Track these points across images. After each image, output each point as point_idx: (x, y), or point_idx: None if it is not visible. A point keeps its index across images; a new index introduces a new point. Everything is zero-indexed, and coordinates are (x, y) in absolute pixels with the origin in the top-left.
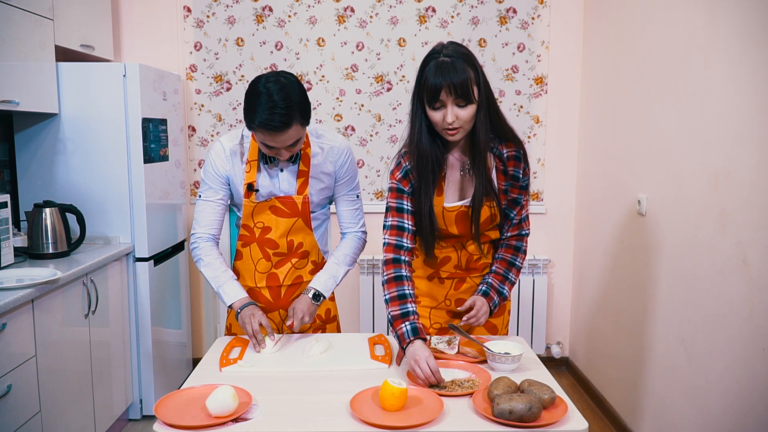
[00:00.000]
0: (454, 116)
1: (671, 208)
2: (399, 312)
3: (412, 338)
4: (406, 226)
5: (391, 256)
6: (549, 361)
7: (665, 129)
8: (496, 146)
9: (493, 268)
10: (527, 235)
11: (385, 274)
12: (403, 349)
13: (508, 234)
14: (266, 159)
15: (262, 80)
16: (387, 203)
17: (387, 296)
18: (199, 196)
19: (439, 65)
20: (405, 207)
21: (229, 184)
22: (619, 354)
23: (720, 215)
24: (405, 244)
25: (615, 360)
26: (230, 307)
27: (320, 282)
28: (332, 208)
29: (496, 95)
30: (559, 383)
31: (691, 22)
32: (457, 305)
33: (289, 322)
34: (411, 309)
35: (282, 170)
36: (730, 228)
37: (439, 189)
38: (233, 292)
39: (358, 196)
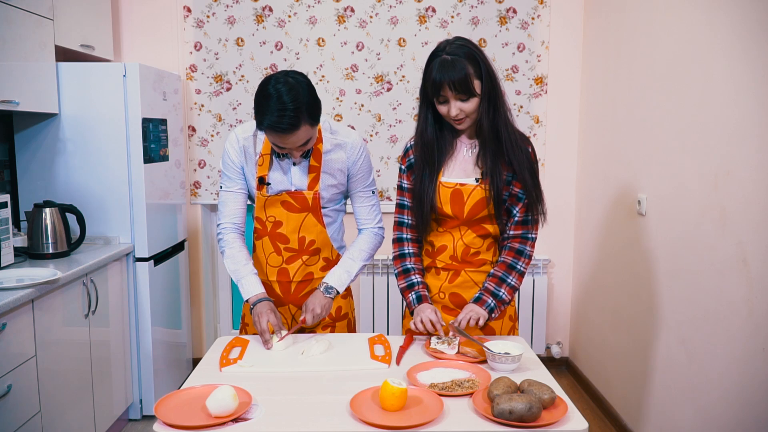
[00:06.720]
0: (458, 109)
1: (671, 208)
2: (405, 284)
3: (416, 305)
4: (406, 203)
5: (395, 235)
6: (549, 361)
7: (665, 129)
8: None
9: (492, 271)
10: (533, 240)
11: (392, 251)
12: (411, 314)
13: (512, 233)
14: (279, 153)
15: (271, 81)
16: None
17: (396, 271)
18: (221, 187)
19: (441, 63)
20: (406, 186)
21: (244, 175)
22: (619, 354)
23: (720, 215)
24: (406, 221)
25: (615, 360)
26: (246, 301)
27: (334, 277)
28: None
29: None
30: (559, 383)
31: (691, 22)
32: (450, 299)
33: (302, 318)
34: (415, 280)
35: (294, 164)
36: (730, 228)
37: (440, 166)
38: (250, 287)
39: (373, 192)
